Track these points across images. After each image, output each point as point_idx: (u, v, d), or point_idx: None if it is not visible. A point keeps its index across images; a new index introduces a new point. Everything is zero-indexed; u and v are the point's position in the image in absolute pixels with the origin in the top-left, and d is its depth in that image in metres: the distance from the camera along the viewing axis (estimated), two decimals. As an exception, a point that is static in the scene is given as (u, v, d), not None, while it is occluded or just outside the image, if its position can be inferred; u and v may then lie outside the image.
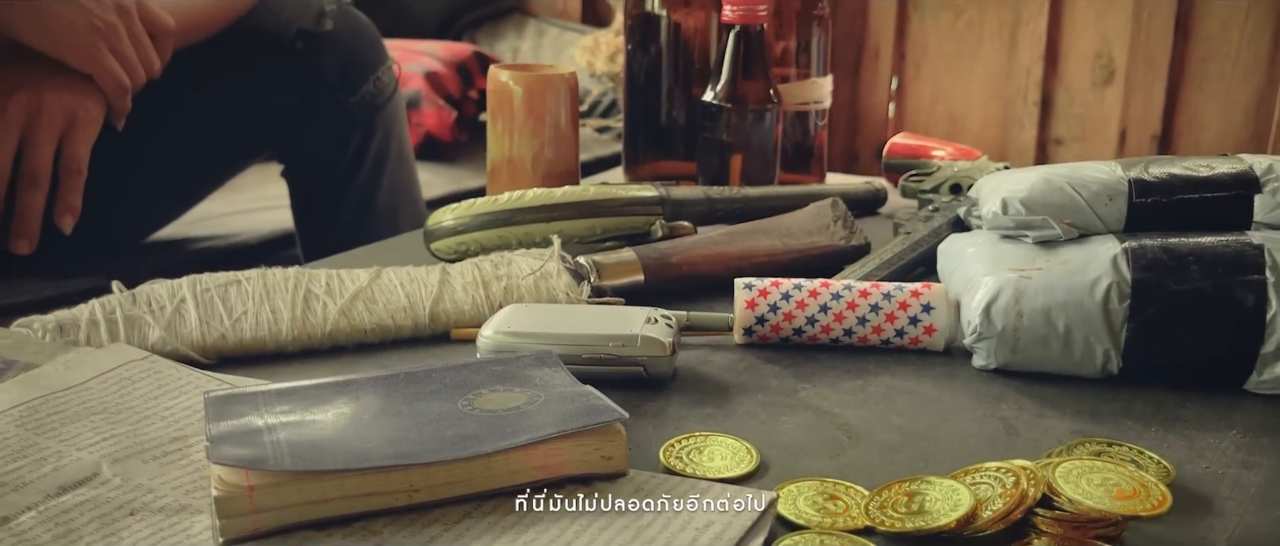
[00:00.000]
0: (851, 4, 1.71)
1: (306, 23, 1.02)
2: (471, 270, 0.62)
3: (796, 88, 0.87)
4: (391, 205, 1.13)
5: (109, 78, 0.84)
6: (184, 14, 0.92)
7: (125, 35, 0.85)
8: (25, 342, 0.53)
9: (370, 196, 1.11)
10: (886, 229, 0.78)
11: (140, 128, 0.92)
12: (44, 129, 0.77)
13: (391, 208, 1.13)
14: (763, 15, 0.79)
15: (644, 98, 0.90)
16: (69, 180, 0.78)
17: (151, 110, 0.91)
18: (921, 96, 1.71)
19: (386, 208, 1.12)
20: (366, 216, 1.12)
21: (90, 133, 0.82)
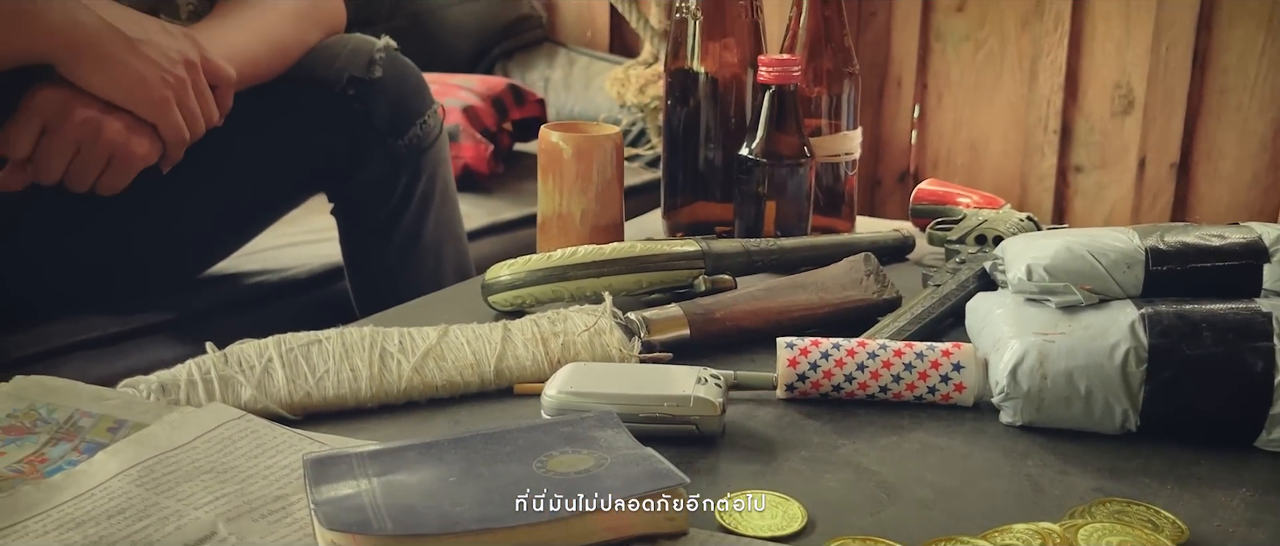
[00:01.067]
0: (875, 35, 1.75)
1: (357, 70, 1.07)
2: (531, 327, 0.67)
3: (828, 141, 0.92)
4: (436, 240, 1.18)
5: (173, 130, 0.89)
6: (243, 63, 0.97)
7: (191, 88, 0.90)
8: (133, 403, 0.58)
9: (416, 233, 1.15)
10: (915, 277, 0.82)
11: (199, 168, 0.97)
12: (96, 153, 0.82)
13: (436, 243, 1.18)
14: (796, 76, 0.84)
15: (682, 148, 0.94)
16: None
17: (210, 151, 0.97)
18: (943, 124, 1.75)
19: (431, 243, 1.17)
20: (412, 252, 1.16)
21: (134, 170, 0.87)
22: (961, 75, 1.72)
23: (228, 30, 0.96)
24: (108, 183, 0.85)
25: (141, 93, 0.86)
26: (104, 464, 0.52)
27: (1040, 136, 1.66)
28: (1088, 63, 1.61)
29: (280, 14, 1.02)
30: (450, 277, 1.17)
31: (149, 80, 0.86)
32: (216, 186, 1.06)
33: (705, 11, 0.89)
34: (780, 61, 0.83)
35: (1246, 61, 1.52)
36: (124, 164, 0.85)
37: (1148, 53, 1.56)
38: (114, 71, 0.84)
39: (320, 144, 1.08)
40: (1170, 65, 1.55)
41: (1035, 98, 1.66)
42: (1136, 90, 1.58)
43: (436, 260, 1.16)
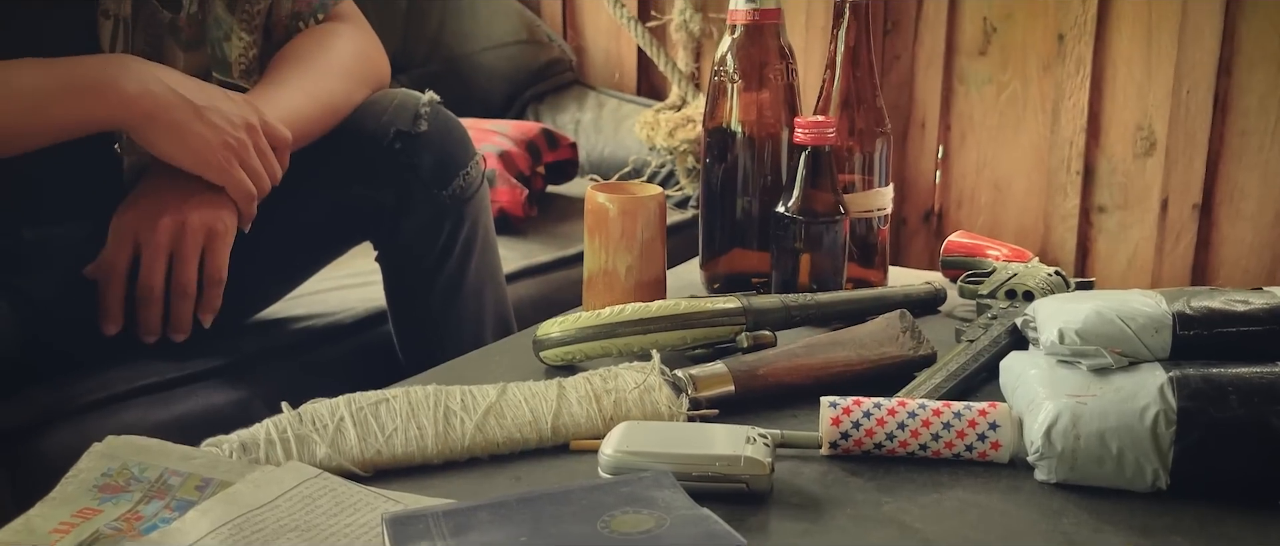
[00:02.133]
0: (899, 77, 1.78)
1: (403, 124, 1.10)
2: (584, 384, 0.71)
3: (862, 197, 0.95)
4: (478, 286, 1.21)
5: (240, 190, 0.94)
6: (298, 125, 1.02)
7: (252, 149, 0.95)
8: (217, 462, 0.62)
9: (459, 279, 1.19)
10: (948, 330, 0.86)
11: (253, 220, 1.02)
12: (189, 246, 0.87)
13: (478, 288, 1.21)
14: (831, 137, 0.88)
15: (720, 201, 0.98)
16: (212, 288, 0.88)
17: (263, 203, 1.01)
18: (967, 165, 1.78)
19: (473, 288, 1.21)
20: (455, 298, 1.20)
21: (228, 242, 0.91)
22: (984, 117, 1.75)
23: (284, 93, 1.01)
24: (213, 265, 0.89)
25: (208, 155, 0.91)
26: (196, 522, 0.55)
27: (1063, 177, 1.69)
28: (1109, 105, 1.64)
29: (332, 75, 1.06)
30: (490, 322, 1.20)
31: (214, 144, 0.91)
32: (267, 236, 1.11)
33: (743, 74, 0.93)
34: (816, 124, 0.87)
35: (1268, 104, 1.55)
36: (218, 244, 0.89)
37: (1169, 96, 1.59)
38: (183, 137, 0.89)
39: (368, 195, 1.12)
40: (1191, 108, 1.58)
41: (1058, 139, 1.69)
42: (1158, 132, 1.61)
43: (478, 305, 1.20)
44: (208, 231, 0.89)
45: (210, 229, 0.90)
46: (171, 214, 0.88)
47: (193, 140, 0.90)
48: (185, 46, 1.05)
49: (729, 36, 0.94)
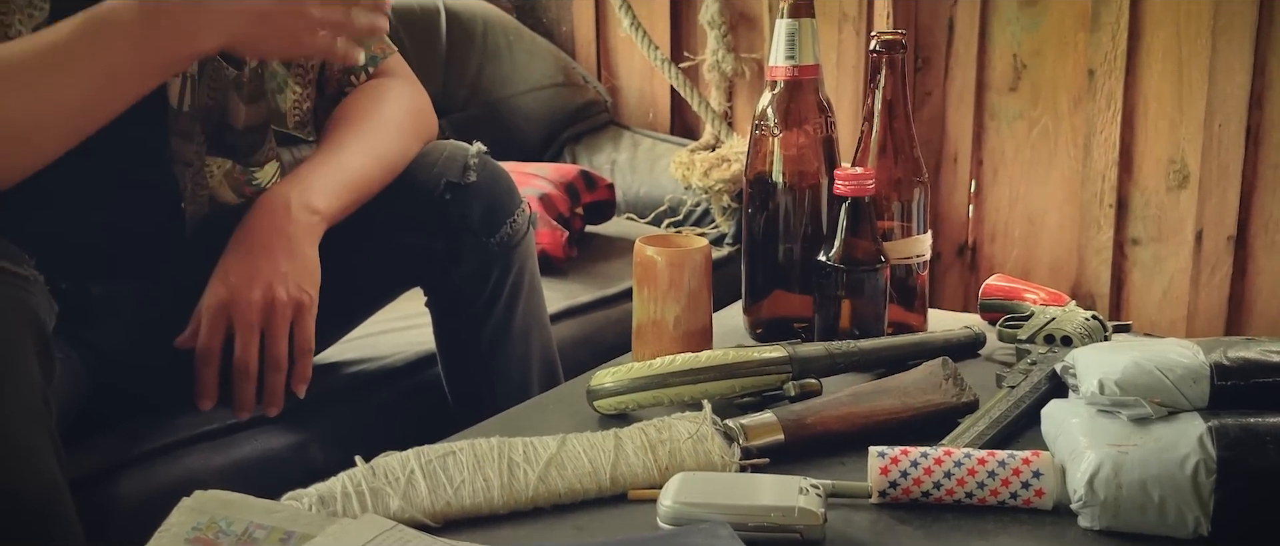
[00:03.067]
0: (930, 113, 1.81)
1: (453, 175, 1.14)
2: (639, 435, 0.74)
3: (901, 245, 0.98)
4: (525, 329, 1.25)
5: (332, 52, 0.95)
6: (359, 185, 1.05)
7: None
8: (298, 515, 0.65)
9: (506, 323, 1.23)
10: (988, 374, 0.88)
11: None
12: (279, 322, 0.90)
13: (524, 331, 1.25)
14: (870, 188, 0.91)
15: (762, 248, 1.01)
16: (303, 358, 0.91)
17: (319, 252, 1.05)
18: (1000, 199, 1.80)
19: (520, 332, 1.24)
20: (503, 341, 1.24)
21: (313, 313, 0.95)
22: (1016, 152, 1.77)
23: (344, 156, 1.04)
24: (302, 337, 0.93)
25: (308, 39, 0.92)
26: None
27: (1096, 210, 1.71)
28: (1141, 139, 1.66)
29: (387, 134, 1.10)
30: (537, 364, 1.23)
31: (301, 31, 0.91)
32: (324, 285, 1.15)
33: (783, 128, 0.97)
34: (855, 175, 0.90)
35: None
36: (306, 317, 0.93)
37: (1201, 129, 1.60)
38: (279, 31, 0.91)
39: (419, 244, 1.16)
40: (1223, 141, 1.60)
41: (1090, 173, 1.70)
42: (1191, 165, 1.63)
43: (525, 348, 1.24)
44: (296, 305, 0.93)
45: (298, 303, 0.93)
46: (261, 291, 0.91)
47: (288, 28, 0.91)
48: (246, 99, 1.10)
49: (769, 91, 0.97)
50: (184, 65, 0.91)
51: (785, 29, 0.94)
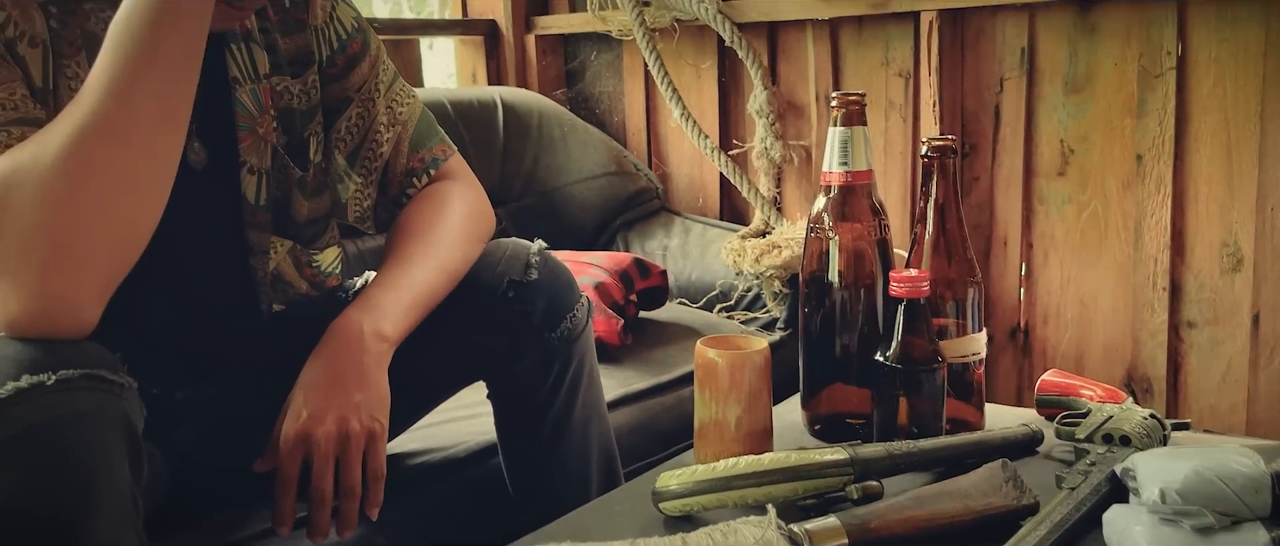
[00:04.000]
0: (978, 198, 1.83)
1: (516, 273, 1.18)
2: (706, 540, 0.76)
3: (957, 343, 1.00)
4: (584, 420, 1.27)
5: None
6: (426, 295, 1.08)
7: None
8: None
9: (566, 415, 1.25)
10: (1046, 472, 0.89)
11: None
12: (353, 451, 0.94)
13: (584, 422, 1.27)
14: (925, 290, 0.93)
15: (819, 344, 1.04)
16: (376, 484, 0.94)
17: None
18: (1051, 282, 1.81)
19: (579, 423, 1.27)
20: (563, 432, 1.26)
21: (385, 440, 0.98)
22: (1067, 235, 1.78)
23: (411, 272, 1.07)
24: (375, 465, 0.96)
25: None
26: None
27: (1149, 293, 1.71)
28: (1192, 223, 1.67)
29: (451, 244, 1.14)
30: (596, 455, 1.26)
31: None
32: (391, 382, 1.19)
33: (838, 231, 1.00)
34: (910, 278, 0.93)
35: (1354, 220, 1.56)
36: (378, 445, 0.96)
37: (1253, 213, 1.61)
38: None
39: (483, 340, 1.19)
40: (1277, 225, 1.60)
41: (1142, 256, 1.71)
42: (1244, 248, 1.63)
43: (584, 439, 1.26)
44: (368, 434, 0.97)
45: (370, 431, 0.97)
46: (335, 422, 0.95)
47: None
48: (309, 195, 1.15)
49: (824, 195, 1.01)
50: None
51: (839, 136, 0.98)
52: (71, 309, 0.80)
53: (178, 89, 0.85)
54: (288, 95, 1.11)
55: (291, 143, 1.11)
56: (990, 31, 1.79)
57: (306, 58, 1.13)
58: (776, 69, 2.03)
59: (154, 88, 0.83)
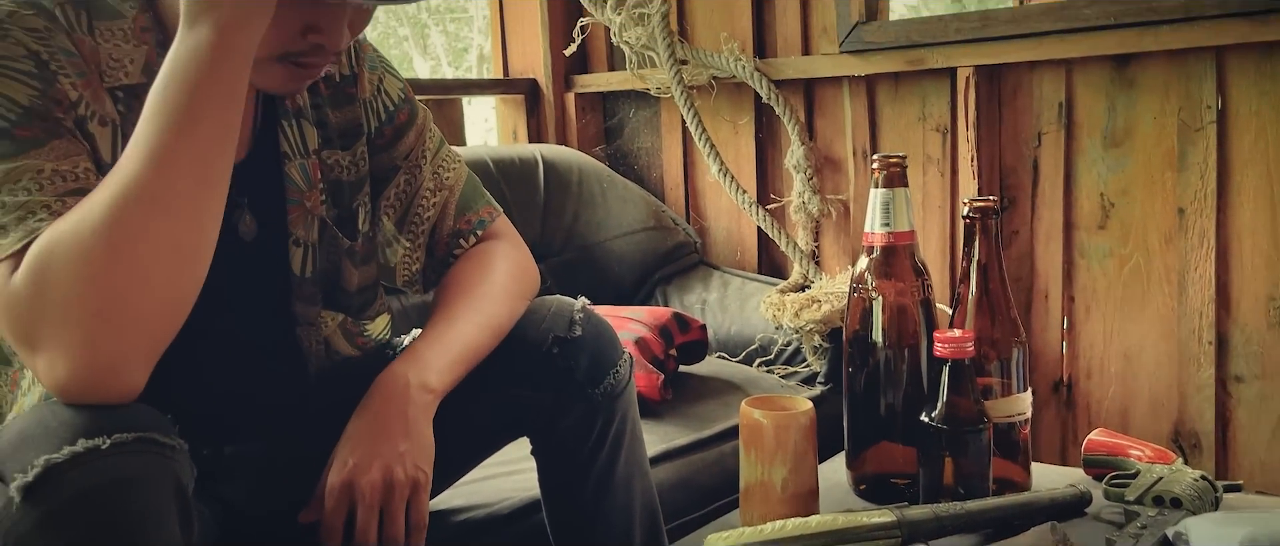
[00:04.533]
0: (1018, 250, 1.83)
1: (560, 330, 1.19)
2: (755, 603, 0.76)
3: (1002, 403, 1.00)
4: (627, 476, 1.28)
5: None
6: (471, 352, 1.10)
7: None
8: None
9: (610, 471, 1.26)
10: (1097, 536, 0.88)
11: None
12: (397, 501, 0.95)
13: (627, 478, 1.28)
14: (969, 351, 0.93)
15: (863, 403, 1.04)
16: (417, 534, 0.96)
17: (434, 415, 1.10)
18: (1093, 336, 1.79)
19: (623, 479, 1.27)
20: (607, 488, 1.26)
21: (428, 490, 1.00)
22: (1109, 289, 1.77)
23: (456, 328, 1.09)
24: (418, 515, 0.98)
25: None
26: None
27: (1195, 347, 1.69)
28: (1238, 276, 1.65)
29: (496, 300, 1.16)
30: (639, 510, 1.26)
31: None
32: (437, 439, 1.20)
33: (881, 291, 1.00)
34: (954, 339, 0.93)
35: (1404, 274, 1.54)
36: (421, 495, 0.97)
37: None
38: None
39: (528, 397, 1.20)
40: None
41: (1186, 310, 1.69)
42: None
43: (627, 495, 1.26)
44: (412, 483, 0.98)
45: (414, 480, 0.98)
46: (380, 472, 0.96)
47: None
48: (358, 264, 1.18)
49: (866, 256, 1.02)
50: (255, 41, 0.88)
51: (880, 198, 0.99)
52: (115, 374, 0.82)
53: (217, 155, 0.86)
54: (337, 168, 1.14)
55: (340, 214, 1.14)
56: (1027, 86, 1.80)
57: (355, 130, 1.17)
58: (813, 124, 2.05)
59: (193, 154, 0.84)
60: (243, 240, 1.06)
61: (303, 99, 1.12)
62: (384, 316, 1.25)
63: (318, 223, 1.12)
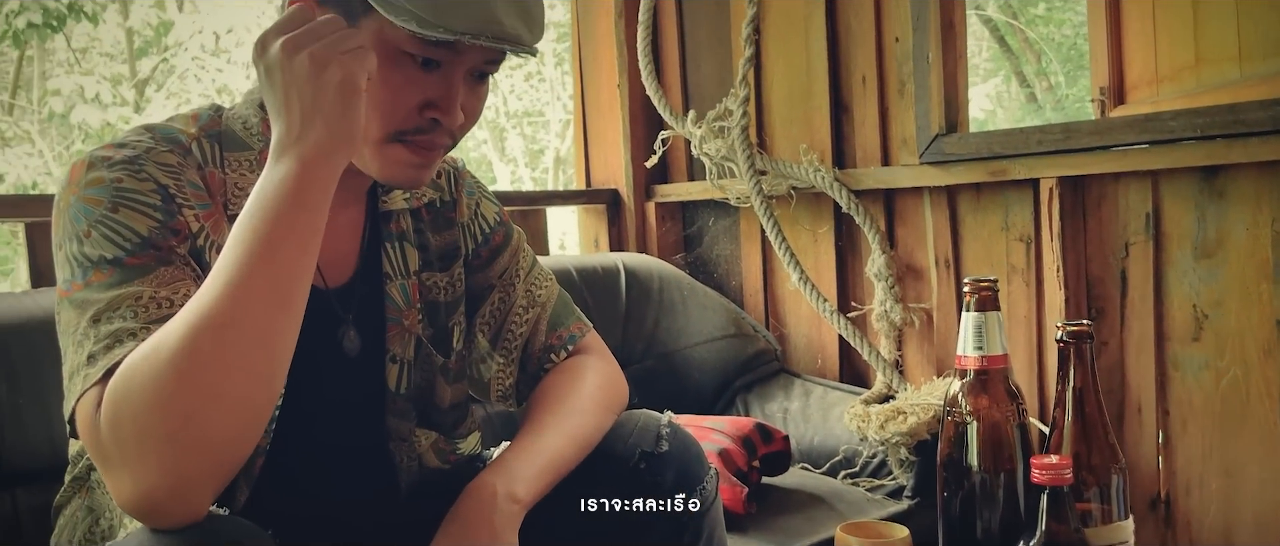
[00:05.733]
0: (1108, 362, 1.80)
1: (647, 445, 1.20)
2: None
3: (1103, 531, 0.98)
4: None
5: None
6: (559, 463, 1.13)
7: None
8: None
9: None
10: None
11: None
12: None
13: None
14: (1067, 478, 0.92)
15: (959, 531, 1.03)
16: None
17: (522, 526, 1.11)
18: (1191, 450, 1.74)
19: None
20: (695, 602, 1.26)
21: None
22: (1206, 403, 1.72)
23: (545, 440, 1.12)
24: None
25: None
26: None
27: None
28: (1343, 391, 1.60)
29: (584, 414, 1.18)
30: (725, 628, 1.25)
31: None
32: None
33: (975, 416, 1.00)
34: (1052, 465, 0.92)
35: None
36: None
37: None
38: None
39: (614, 512, 1.22)
40: None
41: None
42: (1404, 419, 1.55)
43: (714, 606, 1.25)
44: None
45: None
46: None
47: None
48: (451, 381, 1.21)
49: (959, 379, 1.02)
50: (336, 175, 0.91)
51: (973, 322, 1.00)
52: (182, 498, 0.83)
53: (293, 283, 0.88)
54: (435, 289, 1.19)
55: (436, 333, 1.18)
56: (1112, 197, 1.79)
57: (453, 252, 1.22)
58: (894, 233, 2.06)
59: (269, 282, 0.86)
60: (347, 355, 1.11)
61: (406, 223, 1.18)
62: (475, 435, 1.28)
63: (414, 340, 1.16)
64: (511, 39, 0.96)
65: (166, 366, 0.83)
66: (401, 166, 1.02)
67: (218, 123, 1.06)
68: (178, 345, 0.84)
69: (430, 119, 1.00)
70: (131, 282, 0.93)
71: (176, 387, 0.83)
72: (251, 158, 1.05)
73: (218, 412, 0.84)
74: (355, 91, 0.88)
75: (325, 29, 0.89)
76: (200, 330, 0.84)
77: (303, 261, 0.89)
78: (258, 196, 0.89)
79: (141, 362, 0.85)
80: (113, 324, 0.91)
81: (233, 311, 0.85)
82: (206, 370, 0.83)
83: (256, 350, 0.86)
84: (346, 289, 1.12)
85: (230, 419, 0.85)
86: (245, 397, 0.86)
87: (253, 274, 0.86)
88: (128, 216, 0.96)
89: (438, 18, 0.92)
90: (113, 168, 0.97)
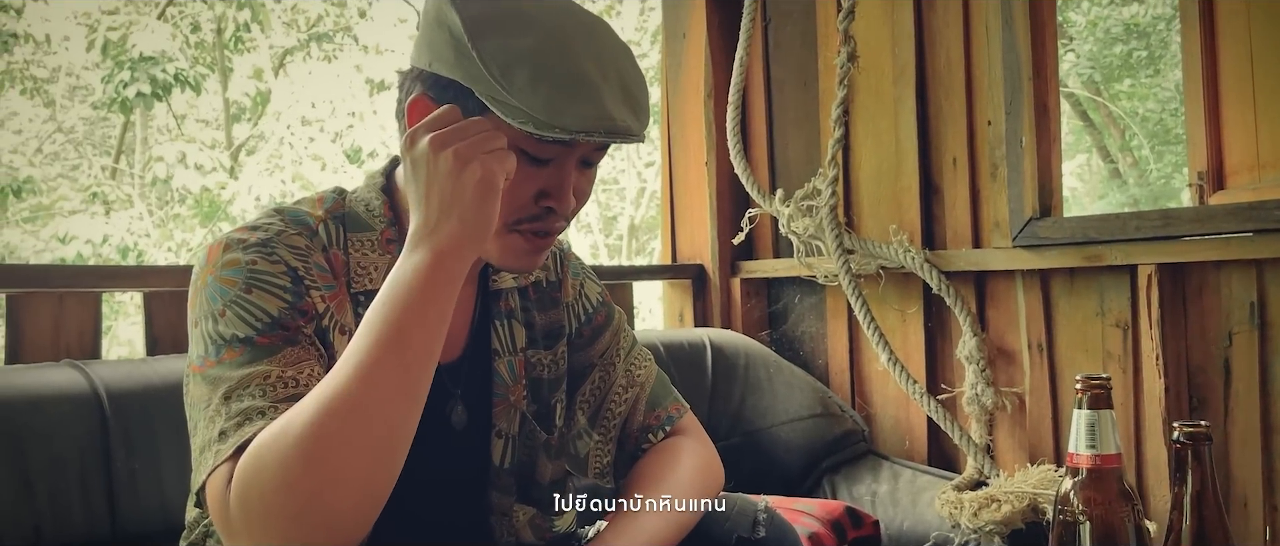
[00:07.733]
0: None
1: (744, 530, 1.20)
2: None
3: (1225, 641, 0.95)
4: None
5: None
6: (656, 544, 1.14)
7: None
8: None
9: None
10: None
11: None
12: None
13: None
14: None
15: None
16: None
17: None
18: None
19: None
20: None
21: None
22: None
23: (641, 521, 1.12)
24: None
25: None
26: None
27: None
28: None
29: (681, 496, 1.19)
30: None
31: None
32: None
33: (1088, 516, 0.98)
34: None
35: None
36: None
37: None
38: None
39: (711, 596, 1.21)
40: None
41: None
42: None
43: None
44: None
45: None
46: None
47: None
48: (552, 457, 1.23)
49: (1071, 477, 1.00)
50: (466, 267, 0.93)
51: (1085, 420, 0.98)
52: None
53: (420, 370, 0.91)
54: (540, 366, 1.22)
55: (539, 409, 1.21)
56: (1214, 284, 1.75)
57: (558, 331, 1.25)
58: (985, 315, 2.04)
59: (397, 368, 0.89)
60: (454, 429, 1.14)
61: (514, 301, 1.21)
62: (571, 514, 1.29)
63: (519, 416, 1.19)
64: (623, 132, 0.99)
65: (294, 449, 0.87)
66: (518, 253, 1.05)
67: (341, 205, 1.11)
68: (305, 428, 0.87)
69: (546, 208, 1.04)
70: (260, 362, 0.97)
71: (304, 470, 0.86)
72: (373, 237, 1.10)
73: (341, 493, 0.88)
74: (493, 190, 0.92)
75: (472, 129, 0.94)
76: (328, 414, 0.88)
77: (430, 349, 0.92)
78: (391, 284, 0.93)
79: (271, 443, 0.89)
80: (243, 402, 0.95)
81: (361, 396, 0.88)
82: (333, 453, 0.87)
83: (381, 434, 0.89)
84: (456, 365, 1.15)
85: (352, 499, 0.89)
86: (368, 479, 0.89)
87: (382, 360, 0.89)
88: (260, 298, 1.00)
89: (552, 119, 0.95)
90: (247, 250, 1.03)
